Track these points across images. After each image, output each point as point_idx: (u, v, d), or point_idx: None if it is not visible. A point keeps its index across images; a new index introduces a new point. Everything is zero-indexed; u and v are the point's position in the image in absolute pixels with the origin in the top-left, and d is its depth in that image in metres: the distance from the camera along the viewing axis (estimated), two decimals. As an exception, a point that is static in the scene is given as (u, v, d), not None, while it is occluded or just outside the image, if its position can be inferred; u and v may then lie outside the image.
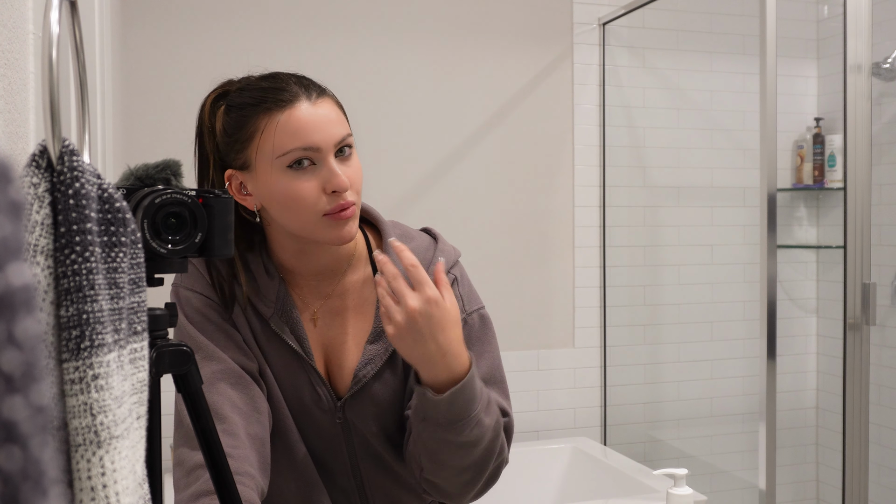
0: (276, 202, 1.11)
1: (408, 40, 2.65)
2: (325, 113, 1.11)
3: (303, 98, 1.10)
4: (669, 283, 2.96)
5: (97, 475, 0.54)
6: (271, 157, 1.09)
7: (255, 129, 1.10)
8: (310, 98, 1.11)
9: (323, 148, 1.09)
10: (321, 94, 1.13)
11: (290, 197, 1.09)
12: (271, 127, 1.09)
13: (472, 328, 1.21)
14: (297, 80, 1.13)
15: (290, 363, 1.18)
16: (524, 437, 2.75)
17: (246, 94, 1.13)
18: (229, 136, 1.13)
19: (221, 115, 1.16)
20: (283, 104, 1.09)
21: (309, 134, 1.08)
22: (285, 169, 1.09)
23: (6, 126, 0.69)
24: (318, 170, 1.09)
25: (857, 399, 2.14)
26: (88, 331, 0.54)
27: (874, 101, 2.53)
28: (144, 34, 2.41)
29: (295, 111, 1.09)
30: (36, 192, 0.53)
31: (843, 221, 2.16)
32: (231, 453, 1.05)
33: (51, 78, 0.55)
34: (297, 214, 1.10)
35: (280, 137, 1.08)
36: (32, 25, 0.80)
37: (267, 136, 1.09)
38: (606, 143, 2.84)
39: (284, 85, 1.11)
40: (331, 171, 1.09)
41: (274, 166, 1.09)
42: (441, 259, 1.09)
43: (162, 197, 0.74)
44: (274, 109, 1.09)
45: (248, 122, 1.11)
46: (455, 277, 1.23)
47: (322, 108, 1.11)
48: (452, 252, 1.25)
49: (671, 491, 1.83)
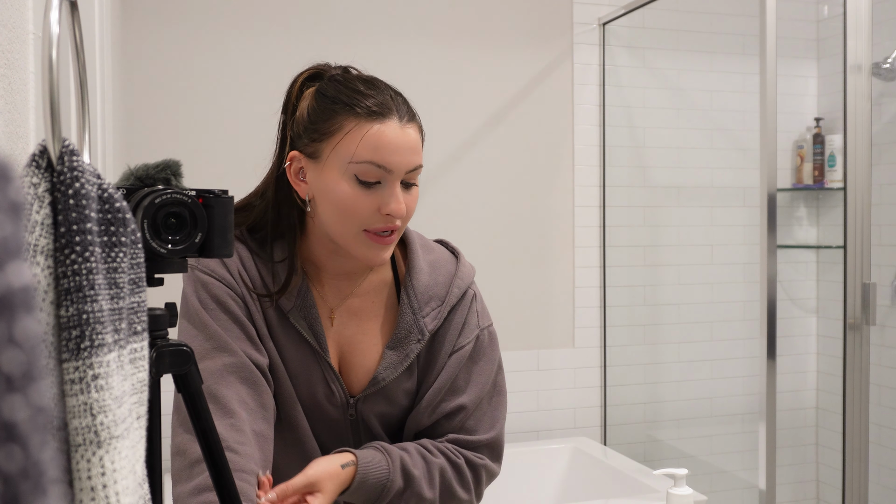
0: (329, 202, 1.11)
1: (408, 40, 2.65)
2: (410, 139, 1.11)
3: (395, 116, 1.11)
4: (669, 283, 2.96)
5: (97, 475, 0.54)
6: (345, 161, 1.09)
7: (340, 127, 1.10)
8: (401, 119, 1.11)
9: (395, 171, 1.10)
10: (412, 119, 1.13)
11: (345, 203, 1.10)
12: (357, 132, 1.09)
13: (483, 343, 1.25)
14: (394, 95, 1.14)
15: (305, 358, 1.19)
16: (524, 437, 2.75)
17: (341, 89, 1.13)
18: (311, 123, 1.13)
19: (309, 97, 1.15)
20: (377, 116, 1.09)
21: (390, 154, 1.09)
22: (353, 177, 1.09)
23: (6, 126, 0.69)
24: (381, 189, 1.10)
25: (857, 399, 2.14)
26: (88, 331, 0.54)
27: (874, 101, 2.53)
28: (144, 34, 2.41)
29: (385, 127, 1.09)
30: (36, 192, 0.53)
31: (843, 221, 2.16)
32: (237, 449, 1.06)
33: (51, 78, 0.55)
34: (343, 221, 1.11)
35: (362, 146, 1.09)
36: (32, 25, 0.80)
37: (350, 139, 1.09)
38: (606, 143, 2.84)
39: (381, 96, 1.12)
40: (393, 195, 1.10)
41: (343, 169, 1.10)
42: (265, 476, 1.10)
43: (162, 197, 0.74)
44: (365, 116, 1.09)
45: (336, 117, 1.11)
46: (475, 294, 1.27)
47: (409, 132, 1.12)
48: (471, 269, 1.28)
49: (671, 491, 1.83)
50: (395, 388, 1.22)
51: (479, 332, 1.25)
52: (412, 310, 1.21)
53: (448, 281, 1.24)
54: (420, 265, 1.23)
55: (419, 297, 1.21)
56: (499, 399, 1.26)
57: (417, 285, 1.21)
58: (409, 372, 1.22)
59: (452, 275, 1.24)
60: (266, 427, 1.13)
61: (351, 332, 1.22)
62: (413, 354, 1.20)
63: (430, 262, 1.25)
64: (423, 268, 1.23)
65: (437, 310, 1.22)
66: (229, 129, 2.47)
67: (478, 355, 1.24)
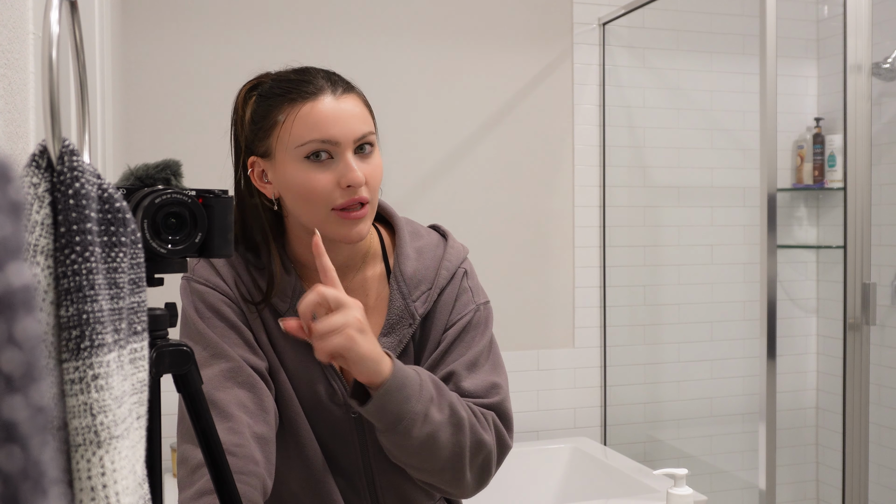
0: (291, 192, 1.13)
1: (408, 40, 2.65)
2: (347, 108, 1.12)
3: (328, 92, 1.12)
4: (669, 283, 2.96)
5: (97, 475, 0.54)
6: (290, 147, 1.11)
7: (278, 118, 1.12)
8: (335, 92, 1.13)
9: (341, 142, 1.11)
10: (347, 90, 1.15)
11: (304, 187, 1.11)
12: (292, 117, 1.11)
13: (479, 319, 1.25)
14: (325, 74, 1.16)
15: (304, 358, 1.19)
16: (524, 437, 2.75)
17: (275, 85, 1.16)
18: (255, 124, 1.16)
19: (252, 104, 1.18)
20: (308, 96, 1.11)
21: (328, 127, 1.10)
22: (303, 160, 1.11)
23: (6, 126, 0.69)
24: (335, 164, 1.11)
25: (857, 399, 2.14)
26: (88, 331, 0.54)
27: (874, 101, 2.53)
28: (144, 34, 2.41)
29: (318, 104, 1.11)
30: (36, 192, 0.53)
31: (843, 221, 2.16)
32: (236, 452, 1.05)
33: (51, 78, 0.55)
34: (310, 206, 1.12)
35: (299, 128, 1.10)
36: (32, 25, 0.80)
37: (287, 125, 1.11)
38: (606, 143, 2.84)
39: (312, 78, 1.14)
40: (346, 165, 1.11)
41: (292, 156, 1.11)
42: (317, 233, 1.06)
43: (162, 197, 0.74)
44: (297, 100, 1.11)
45: (273, 110, 1.13)
46: (465, 271, 1.26)
47: (345, 103, 1.13)
48: (461, 249, 1.28)
49: (671, 491, 1.83)
50: None
51: (475, 307, 1.24)
52: (402, 295, 1.21)
53: (436, 264, 1.24)
54: (407, 252, 1.24)
55: (408, 283, 1.21)
56: (494, 368, 1.23)
57: (406, 271, 1.22)
58: (405, 358, 1.22)
59: (440, 258, 1.25)
60: (266, 429, 1.12)
61: None
62: (406, 339, 1.21)
63: (418, 248, 1.25)
64: (410, 254, 1.24)
65: (427, 293, 1.22)
66: (230, 129, 2.46)
67: (473, 328, 1.23)
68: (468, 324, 1.23)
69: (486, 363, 1.23)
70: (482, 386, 1.20)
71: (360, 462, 1.23)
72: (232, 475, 0.85)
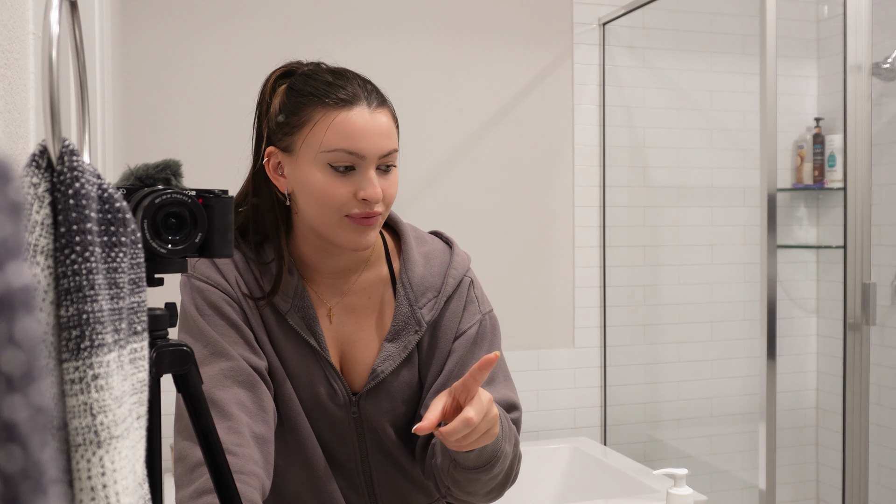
0: (306, 193, 1.12)
1: (408, 40, 2.65)
2: (379, 123, 1.12)
3: (362, 102, 1.12)
4: (669, 283, 2.96)
5: (97, 475, 0.54)
6: (316, 151, 1.11)
7: (309, 118, 1.11)
8: (370, 105, 1.12)
9: (367, 157, 1.11)
10: (381, 104, 1.14)
11: (322, 192, 1.11)
12: (325, 122, 1.10)
13: (485, 328, 1.25)
14: (362, 83, 1.15)
15: (305, 358, 1.19)
16: (524, 437, 2.75)
17: (310, 82, 1.14)
18: (283, 117, 1.15)
19: (281, 94, 1.17)
20: (343, 103, 1.11)
21: (359, 140, 1.10)
22: (325, 165, 1.11)
23: (6, 126, 0.69)
24: (356, 175, 1.11)
25: (857, 399, 2.14)
26: (88, 331, 0.54)
27: (874, 101, 2.53)
28: (144, 34, 2.41)
29: (352, 114, 1.10)
30: (36, 192, 0.53)
31: (843, 221, 2.16)
32: (235, 451, 1.05)
33: (51, 78, 0.55)
34: (322, 210, 1.12)
35: (331, 135, 1.10)
36: (32, 25, 0.80)
37: (318, 129, 1.11)
38: (606, 143, 2.84)
39: (349, 85, 1.13)
40: (368, 180, 1.11)
41: (316, 159, 1.11)
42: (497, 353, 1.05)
43: (162, 197, 0.74)
44: (332, 106, 1.11)
45: (305, 109, 1.12)
46: (471, 280, 1.27)
47: (378, 118, 1.13)
48: (465, 257, 1.29)
49: (671, 491, 1.83)
50: (396, 382, 1.21)
51: (481, 317, 1.25)
52: (409, 301, 1.21)
53: (443, 271, 1.24)
54: (414, 257, 1.24)
55: (415, 289, 1.22)
56: (506, 381, 1.26)
57: (413, 277, 1.22)
58: (410, 365, 1.22)
59: (447, 265, 1.25)
60: (266, 429, 1.12)
61: (350, 330, 1.23)
62: (411, 345, 1.21)
63: (424, 254, 1.25)
64: (417, 260, 1.24)
65: (434, 300, 1.22)
66: (229, 129, 2.46)
67: (482, 339, 1.24)
68: (476, 334, 1.24)
69: (499, 376, 1.25)
70: (503, 402, 1.22)
71: (358, 461, 1.23)
72: (232, 475, 0.85)
